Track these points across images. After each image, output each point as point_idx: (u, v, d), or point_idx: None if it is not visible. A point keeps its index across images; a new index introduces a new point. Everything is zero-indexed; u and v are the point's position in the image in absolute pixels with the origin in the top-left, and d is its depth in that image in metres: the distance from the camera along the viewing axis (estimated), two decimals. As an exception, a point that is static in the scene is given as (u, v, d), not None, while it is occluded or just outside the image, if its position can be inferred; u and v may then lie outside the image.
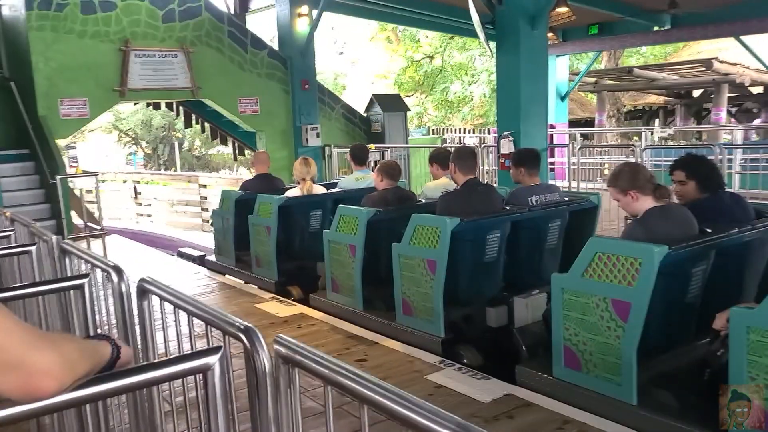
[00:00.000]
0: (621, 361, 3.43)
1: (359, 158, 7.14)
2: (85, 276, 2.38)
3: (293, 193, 6.72)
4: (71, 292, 2.49)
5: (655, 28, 14.17)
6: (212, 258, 7.91)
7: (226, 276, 7.37)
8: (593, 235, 4.44)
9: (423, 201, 5.88)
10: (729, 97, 16.68)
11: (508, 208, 5.06)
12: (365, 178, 6.90)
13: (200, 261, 8.22)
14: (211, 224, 8.09)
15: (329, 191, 6.99)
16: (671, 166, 4.25)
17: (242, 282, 7.04)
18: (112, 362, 1.32)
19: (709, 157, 8.19)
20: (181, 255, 8.96)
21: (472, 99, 25.86)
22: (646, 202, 3.74)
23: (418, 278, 4.73)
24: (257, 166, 7.74)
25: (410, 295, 4.85)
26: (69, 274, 2.94)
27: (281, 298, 6.11)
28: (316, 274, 6.15)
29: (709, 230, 3.70)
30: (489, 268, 4.93)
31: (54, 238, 3.17)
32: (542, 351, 4.08)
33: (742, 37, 13.50)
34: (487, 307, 4.76)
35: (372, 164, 9.70)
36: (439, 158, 5.93)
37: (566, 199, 5.47)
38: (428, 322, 4.71)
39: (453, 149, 5.53)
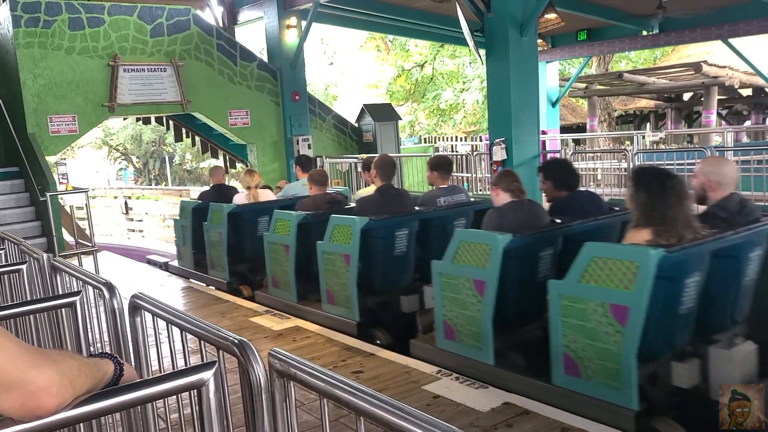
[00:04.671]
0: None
1: (304, 166, 7.72)
2: (77, 294, 2.35)
3: (240, 199, 7.35)
4: (63, 310, 2.46)
5: (644, 33, 14.26)
6: (175, 263, 8.53)
7: (190, 280, 7.91)
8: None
9: (353, 205, 6.34)
10: (719, 99, 16.77)
11: (418, 209, 5.70)
12: None
13: (165, 266, 8.77)
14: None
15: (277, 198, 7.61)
16: (537, 170, 4.93)
17: (214, 288, 7.49)
18: (115, 380, 1.30)
19: (700, 161, 8.24)
20: (149, 262, 9.54)
21: (464, 106, 25.92)
22: (505, 198, 4.54)
23: (337, 271, 5.38)
24: (213, 178, 8.46)
25: (332, 285, 5.50)
26: (60, 292, 2.91)
27: (275, 312, 6.08)
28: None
29: (558, 221, 4.55)
30: (400, 261, 5.43)
31: (45, 255, 3.14)
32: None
33: (730, 40, 13.57)
34: (401, 296, 5.35)
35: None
36: (370, 166, 6.27)
37: (472, 199, 6.14)
38: (346, 308, 5.36)
39: (376, 158, 6.06)
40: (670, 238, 3.42)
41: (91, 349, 2.57)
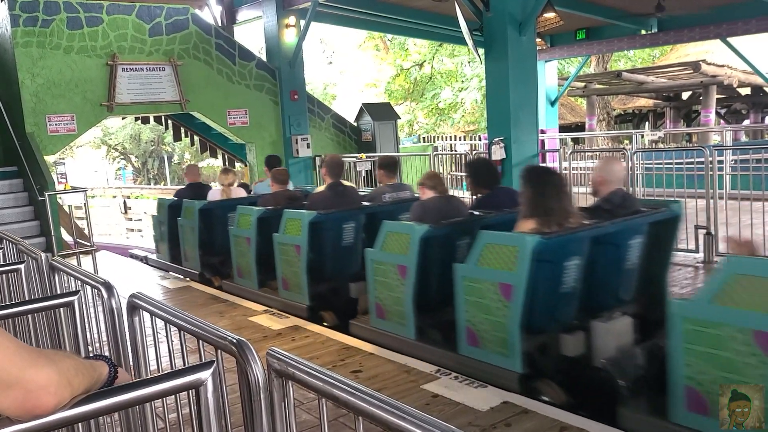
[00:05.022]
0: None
1: (272, 165, 8.16)
2: (75, 293, 2.35)
3: (215, 196, 7.89)
4: (61, 309, 2.45)
5: (643, 32, 14.26)
6: (154, 256, 9.11)
7: (170, 273, 8.40)
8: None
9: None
10: (717, 98, 16.77)
11: (366, 204, 6.30)
12: None
13: (145, 260, 9.36)
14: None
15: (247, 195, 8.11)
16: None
17: (189, 279, 7.96)
18: (110, 383, 1.30)
19: (699, 159, 8.24)
20: (131, 255, 10.08)
21: (462, 105, 25.91)
22: (429, 194, 5.16)
23: (291, 260, 5.99)
24: (188, 176, 8.98)
25: (287, 273, 6.12)
26: (59, 292, 2.90)
27: (274, 311, 6.08)
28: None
29: (477, 213, 5.14)
30: (348, 251, 5.87)
31: (43, 255, 3.14)
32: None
33: (729, 39, 13.58)
34: (350, 283, 5.80)
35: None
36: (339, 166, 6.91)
37: (416, 195, 6.36)
38: (299, 294, 5.97)
39: (326, 158, 6.91)
40: (551, 226, 3.99)
41: (89, 348, 2.56)
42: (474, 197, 5.59)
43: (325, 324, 5.67)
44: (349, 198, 6.28)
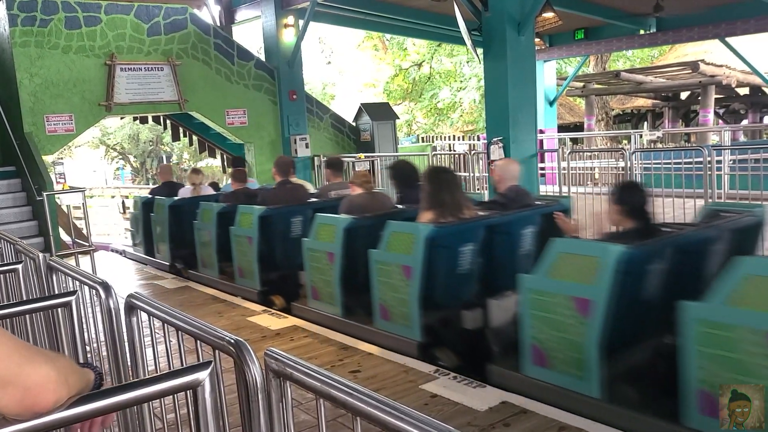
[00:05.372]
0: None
1: (235, 166, 8.87)
2: (73, 293, 2.34)
3: (185, 193, 8.61)
4: (59, 309, 2.44)
5: (641, 32, 14.26)
6: (131, 250, 9.84)
7: (147, 266, 8.91)
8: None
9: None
10: (716, 98, 16.76)
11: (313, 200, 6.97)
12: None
13: (123, 253, 9.99)
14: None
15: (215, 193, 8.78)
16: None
17: (162, 270, 8.55)
18: (95, 389, 1.30)
19: (698, 159, 8.24)
20: (112, 250, 10.65)
21: (461, 105, 25.90)
22: (358, 191, 5.94)
23: (243, 250, 6.72)
24: (162, 176, 9.89)
25: (241, 262, 6.80)
26: (56, 292, 2.90)
27: (272, 311, 6.09)
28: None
29: (402, 207, 5.84)
30: (297, 243, 6.13)
31: (40, 255, 3.13)
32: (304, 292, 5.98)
33: (727, 39, 13.58)
34: (299, 271, 6.17)
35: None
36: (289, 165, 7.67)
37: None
38: (251, 280, 6.66)
39: (276, 158, 7.62)
40: (446, 217, 4.67)
41: (87, 348, 2.56)
42: (398, 194, 6.26)
43: (274, 307, 6.31)
44: (298, 194, 7.01)
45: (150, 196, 9.17)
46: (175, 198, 8.43)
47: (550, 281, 3.77)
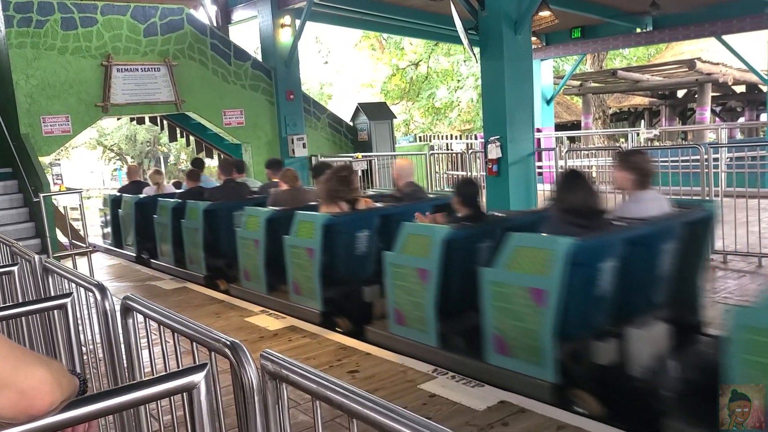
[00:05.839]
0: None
1: (194, 165, 9.67)
2: (68, 295, 2.33)
3: (149, 192, 9.49)
4: (55, 312, 2.43)
5: (638, 30, 14.26)
6: (101, 243, 10.77)
7: (122, 261, 9.60)
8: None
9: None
10: (713, 96, 16.79)
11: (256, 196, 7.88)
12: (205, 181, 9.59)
13: (93, 246, 10.14)
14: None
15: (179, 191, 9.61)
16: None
17: (129, 261, 9.42)
18: (80, 395, 1.29)
19: (695, 157, 8.23)
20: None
21: (458, 104, 25.89)
22: (283, 186, 6.90)
23: (192, 239, 7.73)
24: (130, 176, 10.95)
25: (191, 252, 7.84)
26: (53, 294, 2.88)
27: (270, 311, 6.08)
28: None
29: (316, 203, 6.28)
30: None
31: (36, 257, 3.12)
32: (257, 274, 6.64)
33: (724, 37, 13.59)
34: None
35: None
36: (234, 165, 8.69)
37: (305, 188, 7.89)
38: (198, 266, 7.70)
39: (220, 161, 8.84)
40: (341, 208, 5.62)
41: (83, 350, 2.54)
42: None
43: (220, 289, 7.23)
44: (240, 191, 7.95)
45: (118, 194, 10.18)
46: (140, 196, 9.39)
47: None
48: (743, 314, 2.89)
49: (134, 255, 9.31)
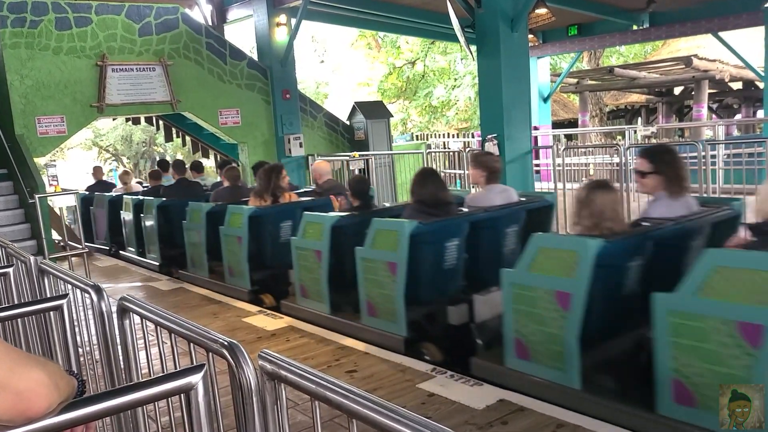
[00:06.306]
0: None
1: (159, 166, 11.00)
2: (64, 296, 2.31)
3: (119, 190, 10.73)
4: (51, 313, 2.42)
5: (634, 27, 14.27)
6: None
7: (102, 258, 10.10)
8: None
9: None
10: (709, 93, 16.78)
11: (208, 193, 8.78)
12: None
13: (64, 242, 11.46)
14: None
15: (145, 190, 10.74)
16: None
17: (99, 254, 9.99)
18: (79, 396, 1.28)
19: (692, 154, 8.24)
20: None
21: (456, 103, 25.89)
22: (226, 183, 7.95)
23: (149, 233, 8.67)
24: (95, 176, 12.27)
25: (149, 242, 8.76)
26: (48, 295, 2.87)
27: (268, 311, 6.06)
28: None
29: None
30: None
31: (32, 258, 3.10)
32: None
33: (720, 34, 13.60)
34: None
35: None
36: (192, 166, 10.40)
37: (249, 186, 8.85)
38: (153, 254, 8.65)
39: (173, 161, 10.25)
40: (267, 201, 6.55)
41: (80, 351, 2.53)
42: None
43: (173, 275, 8.07)
44: (193, 190, 8.86)
45: (87, 192, 11.27)
46: (112, 194, 10.49)
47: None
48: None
49: (106, 248, 10.38)
